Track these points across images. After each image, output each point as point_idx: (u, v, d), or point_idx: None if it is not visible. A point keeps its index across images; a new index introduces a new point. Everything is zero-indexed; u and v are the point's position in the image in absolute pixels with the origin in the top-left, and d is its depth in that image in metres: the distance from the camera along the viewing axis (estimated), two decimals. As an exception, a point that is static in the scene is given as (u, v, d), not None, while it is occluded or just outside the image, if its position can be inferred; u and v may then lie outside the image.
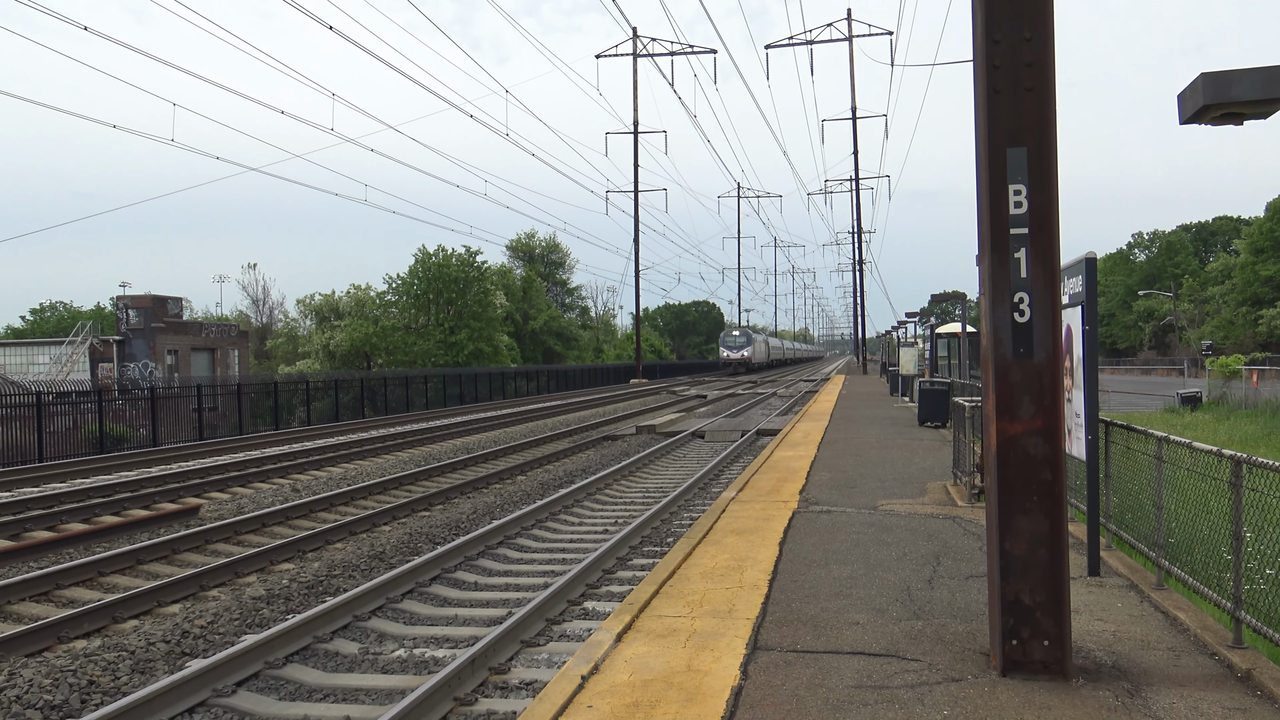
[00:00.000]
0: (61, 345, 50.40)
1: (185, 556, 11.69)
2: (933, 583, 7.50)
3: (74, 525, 13.49)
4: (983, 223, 5.50)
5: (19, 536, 12.76)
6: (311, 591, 9.68)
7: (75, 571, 10.37)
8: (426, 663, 7.39)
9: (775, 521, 10.21)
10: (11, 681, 6.92)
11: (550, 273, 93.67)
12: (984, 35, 5.41)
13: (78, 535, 12.44)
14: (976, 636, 6.04)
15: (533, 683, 6.75)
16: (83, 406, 26.09)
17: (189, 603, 9.46)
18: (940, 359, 30.84)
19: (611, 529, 12.74)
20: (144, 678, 7.17)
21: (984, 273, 5.52)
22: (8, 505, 14.60)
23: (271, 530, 13.30)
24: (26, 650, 7.84)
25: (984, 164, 5.44)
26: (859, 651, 5.81)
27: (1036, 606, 5.28)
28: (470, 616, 8.73)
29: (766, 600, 7.03)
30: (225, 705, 6.53)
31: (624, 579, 9.81)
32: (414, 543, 12.06)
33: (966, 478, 11.97)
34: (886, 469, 14.55)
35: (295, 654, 7.50)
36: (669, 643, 6.06)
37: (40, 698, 6.67)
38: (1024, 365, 5.36)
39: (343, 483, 17.62)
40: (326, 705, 6.58)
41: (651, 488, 16.61)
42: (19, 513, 14.22)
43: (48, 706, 6.57)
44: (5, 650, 7.69)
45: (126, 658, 7.51)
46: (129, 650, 7.67)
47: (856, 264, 72.96)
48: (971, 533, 9.50)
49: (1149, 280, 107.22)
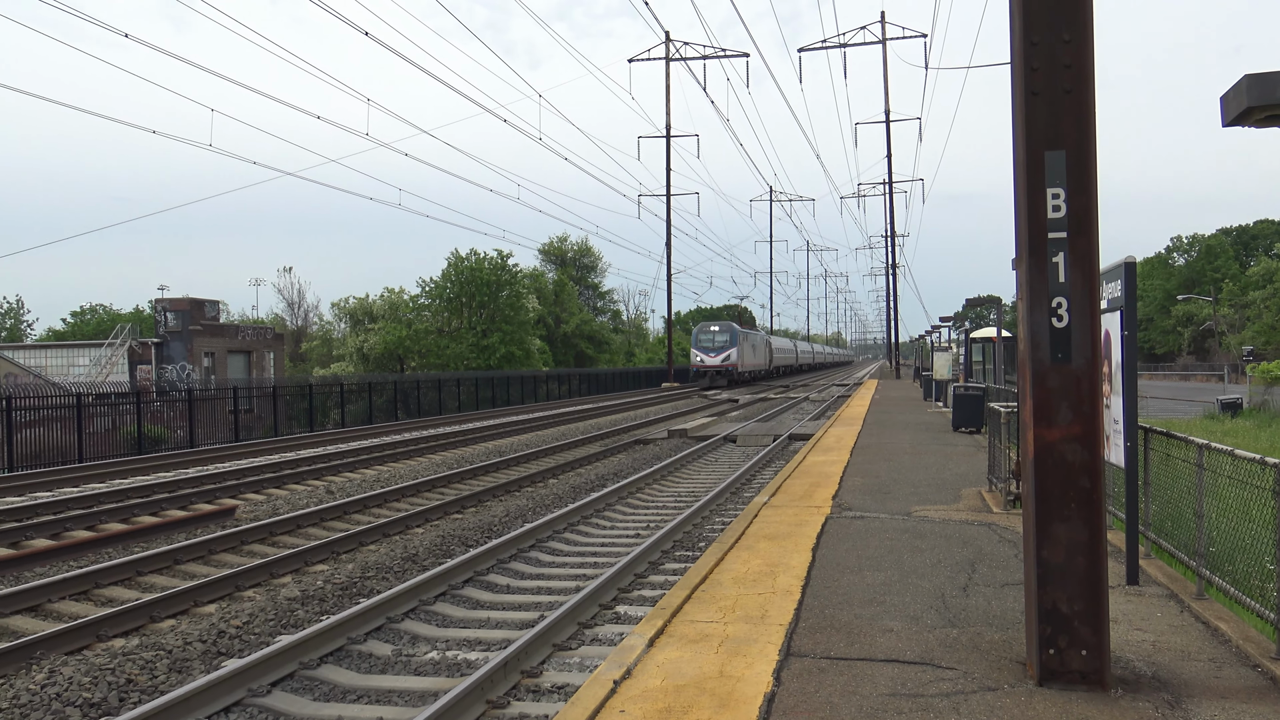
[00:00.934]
0: (101, 347, 51.14)
1: (221, 557, 11.81)
2: (968, 590, 7.43)
3: (113, 525, 13.67)
4: (1020, 226, 5.44)
5: (59, 536, 12.95)
6: (345, 593, 9.74)
7: (114, 571, 10.52)
8: (459, 665, 7.41)
9: (808, 527, 10.15)
10: (52, 679, 7.02)
11: (582, 276, 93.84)
12: (1022, 37, 5.35)
13: (116, 535, 12.61)
14: (1013, 645, 5.97)
15: (565, 686, 6.76)
16: (121, 408, 26.45)
17: (225, 603, 9.55)
18: (975, 364, 30.55)
19: (643, 533, 12.73)
20: (181, 677, 7.25)
21: (1021, 277, 5.46)
22: (49, 505, 14.83)
23: (306, 531, 13.41)
24: (66, 648, 7.95)
25: (1021, 167, 5.38)
26: (893, 659, 5.76)
27: (1074, 615, 5.21)
28: (502, 619, 8.75)
29: (799, 606, 6.99)
30: (261, 705, 6.58)
31: (656, 583, 9.80)
32: (447, 545, 12.11)
33: (1002, 484, 11.85)
34: (920, 474, 14.44)
35: (329, 655, 7.55)
36: (701, 648, 6.04)
37: (80, 695, 6.75)
38: (1062, 371, 5.30)
39: (376, 485, 17.73)
40: (360, 706, 6.62)
41: (683, 492, 16.58)
42: (59, 512, 14.44)
43: (87, 704, 6.65)
44: (46, 648, 7.81)
45: (164, 657, 7.59)
46: (166, 649, 7.76)
47: (890, 268, 72.53)
48: (1007, 540, 9.40)
49: (1188, 284, 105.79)
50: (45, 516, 14.00)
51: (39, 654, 7.72)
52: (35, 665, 7.50)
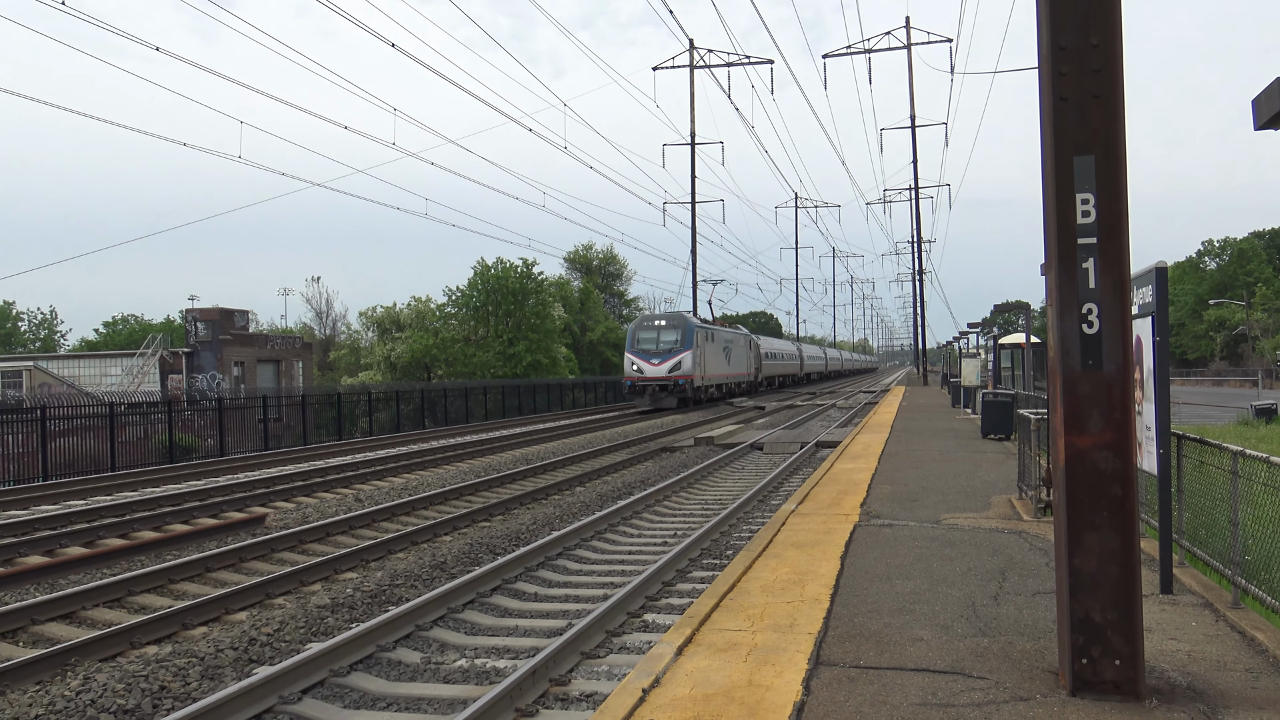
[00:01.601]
0: (133, 357, 51.73)
1: (252, 565, 11.91)
2: (999, 599, 7.37)
3: (145, 533, 13.81)
4: (1049, 232, 5.41)
5: (93, 544, 13.10)
6: (375, 600, 9.79)
7: (147, 578, 10.63)
8: (488, 673, 7.43)
9: (836, 535, 10.11)
10: (87, 686, 7.10)
11: (608, 284, 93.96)
12: (1049, 42, 5.32)
13: (149, 543, 12.74)
14: (1045, 654, 5.92)
15: (593, 694, 6.76)
16: (153, 417, 26.75)
17: (256, 610, 9.63)
18: (1003, 370, 30.33)
19: (670, 541, 12.72)
20: (213, 684, 7.31)
21: (1051, 283, 5.42)
22: (83, 513, 15.01)
23: (335, 539, 13.49)
24: (101, 655, 8.04)
25: (1050, 172, 5.35)
26: (923, 668, 5.72)
27: (1107, 624, 5.16)
28: (530, 627, 8.76)
29: (828, 615, 6.96)
30: (292, 712, 6.63)
31: (683, 591, 9.79)
32: (475, 553, 12.15)
33: (1032, 491, 11.75)
34: (949, 482, 14.34)
35: (359, 662, 7.60)
36: (730, 657, 6.02)
37: (114, 702, 6.83)
38: (1093, 377, 5.25)
39: (404, 493, 17.82)
40: (390, 714, 6.65)
41: (710, 500, 16.55)
42: (93, 520, 14.61)
43: (121, 711, 6.72)
44: (81, 655, 7.90)
45: (196, 664, 7.66)
46: (198, 656, 7.83)
47: (916, 274, 72.12)
48: (1038, 548, 9.32)
49: (1220, 289, 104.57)
50: (80, 525, 14.16)
51: (74, 660, 7.81)
52: (70, 672, 7.59)
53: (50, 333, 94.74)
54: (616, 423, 37.39)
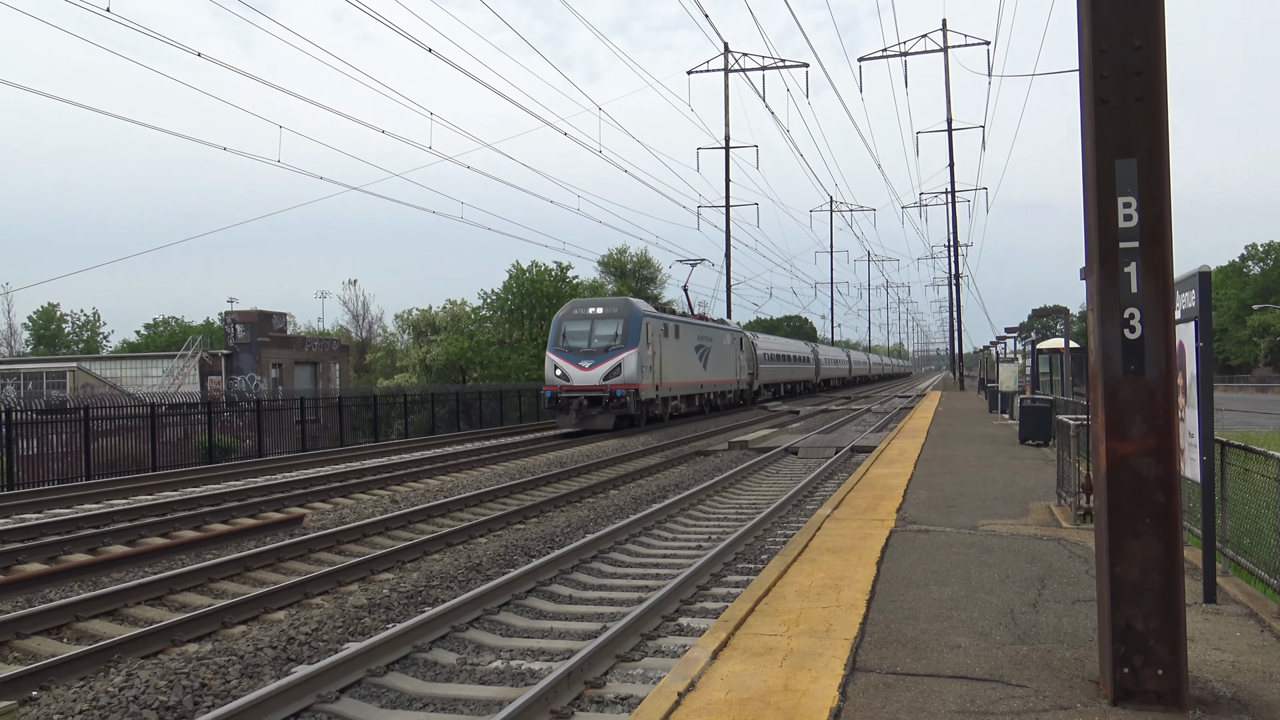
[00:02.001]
0: (173, 359, 52.47)
1: (290, 564, 12.03)
2: (1038, 606, 7.30)
3: (186, 532, 14.00)
4: (1090, 236, 5.35)
5: (135, 542, 13.30)
6: (411, 601, 9.86)
7: (187, 577, 10.78)
8: (523, 675, 7.46)
9: (872, 540, 10.05)
10: (129, 682, 7.21)
11: (642, 288, 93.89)
12: (1090, 44, 5.27)
13: (189, 542, 12.91)
14: (1085, 663, 5.85)
15: (628, 698, 6.77)
16: (193, 418, 27.12)
17: (294, 610, 9.73)
18: (1041, 375, 30.01)
19: (705, 545, 12.70)
20: (252, 682, 7.40)
21: (1092, 288, 5.36)
22: (125, 512, 15.25)
23: (372, 540, 13.60)
24: (143, 652, 8.17)
25: (1091, 176, 5.29)
26: (961, 675, 5.67)
27: (1150, 633, 5.09)
28: (565, 630, 8.79)
29: (864, 620, 6.92)
30: (329, 711, 6.69)
31: (718, 595, 9.77)
32: (509, 555, 12.20)
33: (1071, 498, 11.62)
34: (986, 488, 14.22)
35: (396, 663, 7.65)
36: (765, 661, 6.01)
37: (156, 698, 6.93)
38: (1135, 383, 5.19)
39: (440, 495, 17.93)
40: (426, 714, 6.70)
41: (745, 504, 16.52)
42: (135, 519, 14.83)
43: (163, 707, 6.82)
44: (123, 652, 8.03)
45: (236, 662, 7.75)
46: (238, 654, 7.93)
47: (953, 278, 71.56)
48: (1077, 555, 9.22)
49: (1264, 293, 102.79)
50: (122, 524, 14.39)
51: (116, 657, 7.94)
52: (114, 668, 7.72)
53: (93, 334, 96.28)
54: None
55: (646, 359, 32.92)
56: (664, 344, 35.03)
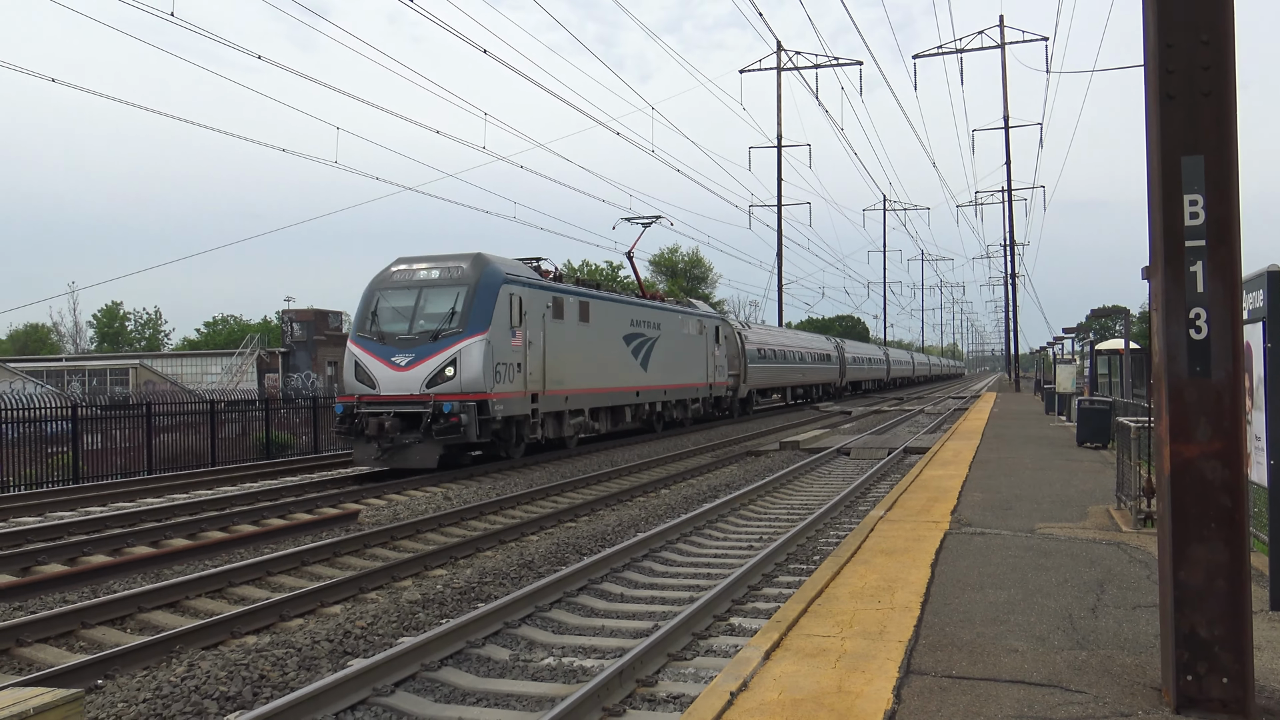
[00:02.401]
0: (232, 356, 53.48)
1: (346, 559, 12.20)
2: (1097, 611, 7.17)
3: (244, 527, 14.25)
4: (1154, 235, 5.24)
5: (196, 536, 13.57)
6: (464, 597, 9.95)
7: (246, 571, 10.97)
8: (575, 672, 7.49)
9: (926, 542, 9.95)
10: (191, 672, 7.36)
11: (693, 287, 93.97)
12: (1156, 39, 5.17)
13: (248, 536, 13.15)
14: (1146, 670, 5.74)
15: (680, 696, 6.77)
16: (250, 414, 27.60)
17: (349, 604, 9.87)
18: (1100, 377, 29.50)
19: (756, 545, 12.66)
20: (309, 674, 7.51)
21: (1156, 287, 5.26)
22: (185, 506, 15.57)
23: (425, 536, 13.75)
24: (203, 643, 8.34)
25: (1156, 173, 5.19)
26: (1018, 680, 5.59)
27: (1214, 640, 4.98)
28: (617, 628, 8.81)
29: (919, 623, 6.85)
30: (384, 704, 6.78)
31: (770, 596, 9.74)
32: (561, 553, 12.26)
33: (1132, 502, 11.40)
34: (1043, 490, 14.00)
35: (449, 658, 7.73)
36: (818, 662, 5.97)
37: (216, 689, 7.06)
38: (1200, 385, 5.08)
39: (491, 492, 18.06)
40: (480, 709, 6.75)
41: (796, 504, 16.43)
42: (195, 513, 15.14)
43: (223, 697, 6.95)
44: (184, 643, 8.20)
45: (294, 654, 7.88)
46: (296, 647, 8.05)
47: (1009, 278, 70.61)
48: (1138, 560, 9.04)
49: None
50: (182, 517, 14.70)
51: (178, 648, 8.11)
52: (175, 659, 7.89)
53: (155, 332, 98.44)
54: (700, 427, 37.28)
55: (511, 351, 21.05)
56: (552, 329, 23.30)
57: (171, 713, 6.69)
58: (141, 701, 6.84)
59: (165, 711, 6.70)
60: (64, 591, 10.34)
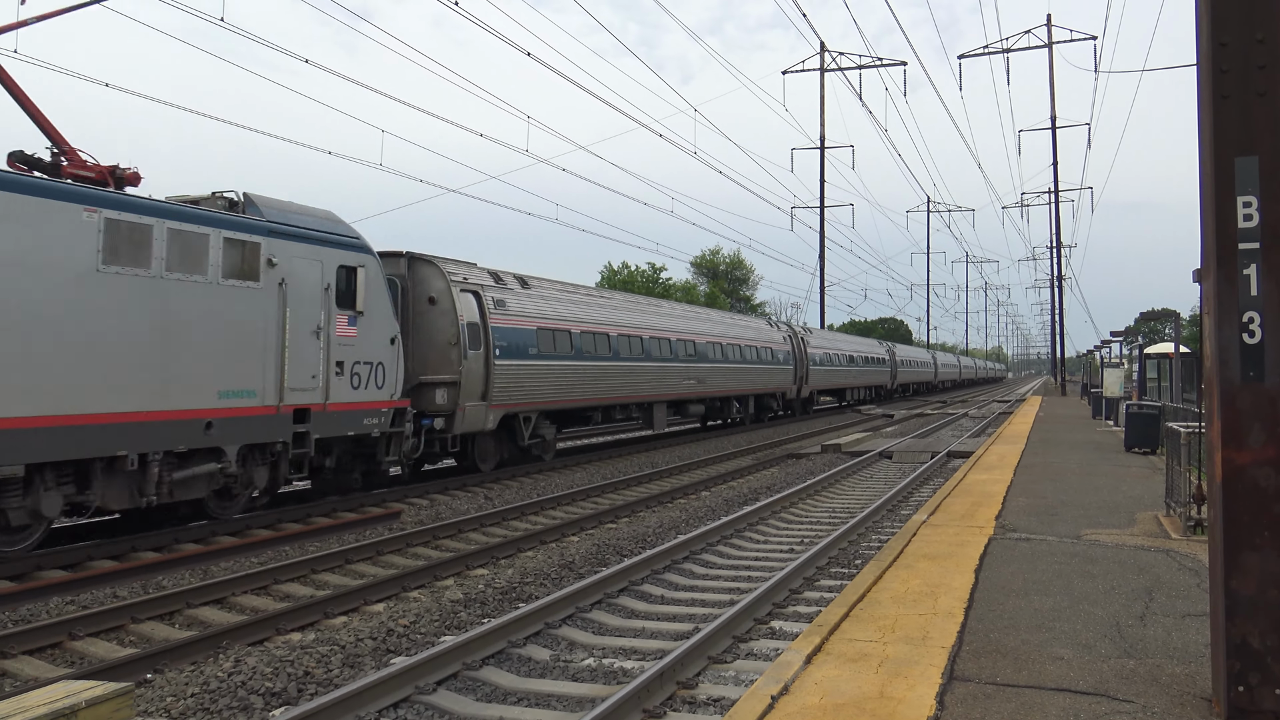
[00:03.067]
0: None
1: (389, 558, 12.31)
2: (1145, 619, 7.06)
3: (290, 525, 14.42)
4: (1207, 237, 5.16)
5: (242, 534, 13.75)
6: (505, 597, 10.00)
7: (291, 568, 11.11)
8: (615, 673, 7.51)
9: (970, 548, 9.84)
10: (238, 668, 7.47)
11: (734, 289, 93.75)
12: (1209, 38, 5.08)
13: (293, 534, 13.31)
14: (1196, 680, 5.64)
15: (720, 699, 6.75)
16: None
17: (392, 602, 9.96)
18: (1149, 381, 29.03)
19: (797, 548, 12.60)
20: (353, 671, 7.59)
21: (1207, 290, 5.17)
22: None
23: (467, 536, 13.84)
24: (249, 639, 8.46)
25: (1209, 174, 5.10)
26: (1064, 688, 5.52)
27: (1267, 651, 4.88)
28: (657, 630, 8.81)
29: (962, 629, 6.79)
30: (426, 702, 6.83)
31: (811, 600, 9.69)
32: (602, 554, 12.29)
33: (1181, 509, 11.20)
34: (1090, 496, 13.79)
35: (491, 657, 7.78)
36: (860, 667, 5.94)
37: (263, 684, 7.16)
38: (1254, 390, 4.98)
39: (533, 493, 18.14)
40: (521, 709, 6.78)
41: (838, 508, 16.33)
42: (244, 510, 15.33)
43: (269, 693, 7.05)
44: (231, 639, 8.33)
45: (337, 651, 7.97)
46: (339, 644, 8.15)
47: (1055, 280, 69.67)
48: (1188, 568, 8.88)
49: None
50: (229, 515, 14.89)
51: (225, 644, 8.24)
52: (222, 654, 8.01)
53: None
54: (741, 429, 37.19)
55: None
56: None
57: (218, 707, 6.79)
58: (189, 696, 6.95)
59: (212, 706, 6.81)
60: (114, 586, 10.53)
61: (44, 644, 8.40)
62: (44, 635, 8.47)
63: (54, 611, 9.48)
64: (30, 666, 7.92)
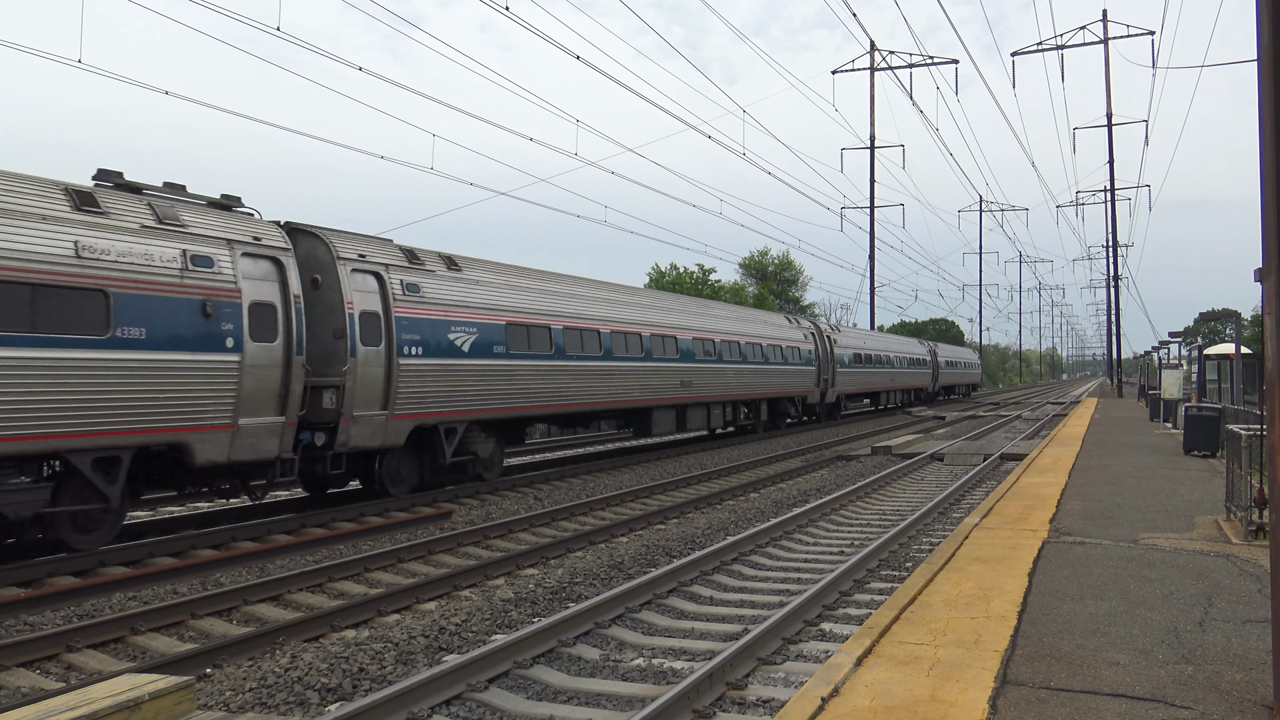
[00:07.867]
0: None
1: (440, 558, 12.45)
2: (1204, 625, 6.93)
3: (344, 524, 14.63)
4: (1268, 234, 5.07)
5: (297, 533, 13.99)
6: (555, 597, 10.07)
7: (345, 566, 11.28)
8: (664, 673, 7.53)
9: (1023, 551, 9.73)
10: (294, 664, 7.61)
11: (783, 290, 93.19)
12: (1271, 33, 4.99)
13: (347, 533, 13.51)
14: (1257, 687, 5.53)
15: (770, 701, 6.75)
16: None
17: (444, 601, 10.07)
18: (1209, 383, 28.42)
19: (847, 550, 12.53)
20: (406, 668, 7.70)
21: (1269, 290, 5.08)
22: (288, 504, 16.04)
23: (517, 536, 13.94)
24: (305, 636, 8.60)
25: (1270, 171, 5.01)
26: (1120, 694, 5.44)
27: (1331, 658, 4.78)
28: (706, 630, 8.82)
29: (1015, 633, 6.71)
30: (478, 700, 6.90)
31: (861, 602, 9.63)
32: (650, 555, 12.31)
33: (1242, 513, 10.97)
34: (1147, 500, 13.55)
35: (541, 656, 7.84)
36: (911, 670, 5.90)
37: (318, 680, 7.29)
38: (1317, 391, 4.88)
39: (582, 494, 18.22)
40: (571, 708, 6.83)
41: (888, 510, 16.21)
42: (298, 510, 15.59)
43: (324, 689, 7.17)
44: (288, 635, 8.48)
45: (391, 648, 8.08)
46: (392, 642, 8.26)
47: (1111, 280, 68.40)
48: (1248, 573, 8.70)
49: None
50: (286, 514, 15.15)
51: (281, 640, 8.39)
52: (279, 650, 8.16)
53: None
54: (791, 430, 37.02)
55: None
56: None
57: (276, 702, 6.93)
58: (248, 690, 7.10)
59: (270, 700, 6.95)
60: (174, 583, 10.77)
61: (107, 638, 8.62)
62: (107, 630, 8.69)
63: (116, 607, 9.72)
64: (95, 660, 8.13)
